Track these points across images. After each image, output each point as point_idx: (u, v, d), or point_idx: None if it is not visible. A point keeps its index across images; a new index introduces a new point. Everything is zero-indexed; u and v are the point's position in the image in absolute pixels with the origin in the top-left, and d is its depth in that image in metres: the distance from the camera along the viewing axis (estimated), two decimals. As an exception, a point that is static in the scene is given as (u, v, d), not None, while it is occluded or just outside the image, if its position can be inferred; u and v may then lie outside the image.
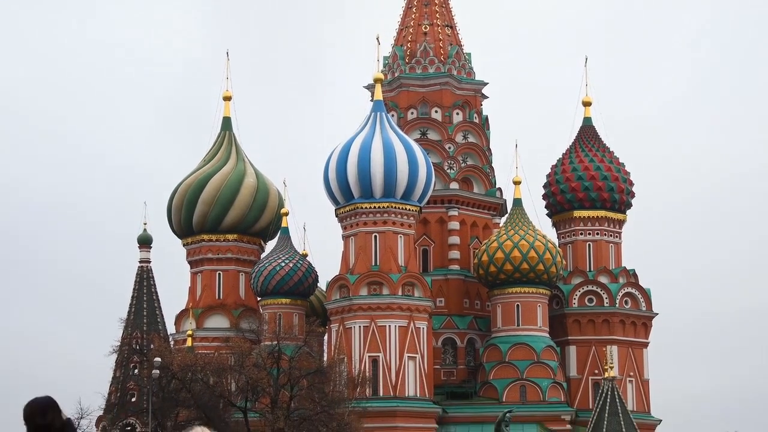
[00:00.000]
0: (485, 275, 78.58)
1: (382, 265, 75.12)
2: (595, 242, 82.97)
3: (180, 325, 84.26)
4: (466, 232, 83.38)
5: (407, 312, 74.31)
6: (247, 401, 60.75)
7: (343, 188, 75.38)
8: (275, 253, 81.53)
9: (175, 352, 71.59)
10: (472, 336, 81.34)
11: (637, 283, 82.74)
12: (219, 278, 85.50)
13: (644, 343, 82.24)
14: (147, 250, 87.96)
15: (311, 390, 61.53)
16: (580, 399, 78.64)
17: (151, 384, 53.41)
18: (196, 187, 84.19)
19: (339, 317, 75.06)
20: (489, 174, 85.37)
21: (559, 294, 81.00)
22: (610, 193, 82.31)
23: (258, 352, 65.09)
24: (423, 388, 74.12)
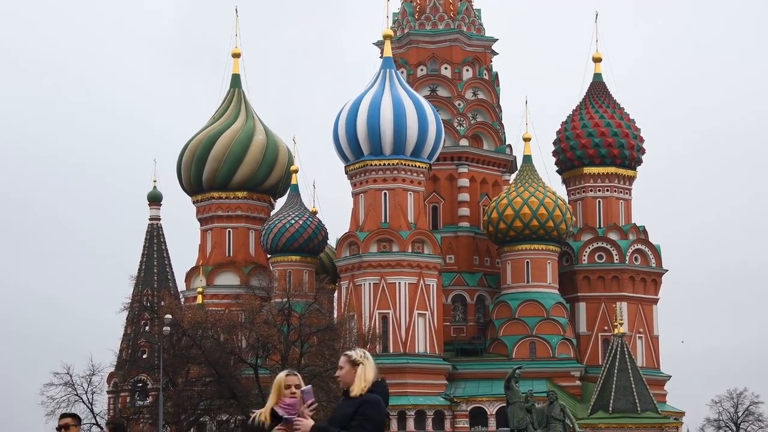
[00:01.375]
0: (495, 232, 78.52)
1: (391, 223, 75.11)
2: (605, 199, 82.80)
3: (190, 283, 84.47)
4: (476, 189, 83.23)
5: (417, 269, 74.38)
6: (258, 358, 60.91)
7: (353, 145, 75.25)
8: (285, 211, 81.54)
9: (185, 309, 71.76)
10: (481, 293, 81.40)
11: (647, 240, 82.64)
12: (229, 236, 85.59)
13: (654, 300, 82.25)
14: (157, 208, 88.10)
15: (321, 347, 61.67)
16: (590, 355, 78.78)
17: (161, 341, 53.54)
18: (206, 144, 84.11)
19: (349, 274, 75.16)
20: (499, 131, 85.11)
21: (568, 251, 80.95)
22: (621, 149, 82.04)
23: (268, 309, 65.23)
24: (433, 344, 74.32)
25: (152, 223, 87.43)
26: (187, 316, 64.09)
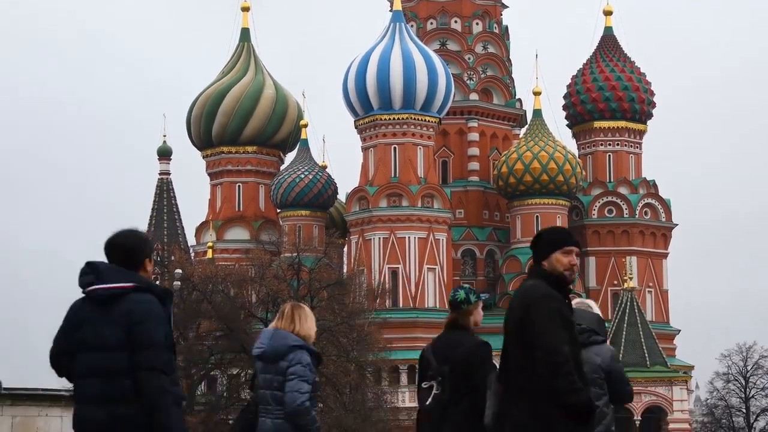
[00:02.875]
0: (505, 186, 78.46)
1: (401, 177, 75.07)
2: (615, 153, 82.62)
3: (200, 237, 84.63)
4: (486, 143, 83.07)
5: (426, 223, 74.42)
6: (268, 312, 61.03)
7: (362, 99, 75.09)
8: (294, 165, 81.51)
9: (195, 263, 71.91)
10: (491, 247, 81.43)
11: (657, 194, 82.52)
12: (239, 190, 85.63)
13: (664, 254, 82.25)
14: (167, 162, 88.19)
15: (331, 301, 61.79)
16: (599, 309, 78.75)
17: (172, 295, 53.70)
18: (216, 98, 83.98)
19: (358, 229, 75.24)
20: (509, 85, 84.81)
21: (578, 205, 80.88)
22: (631, 103, 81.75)
23: (278, 264, 65.33)
24: (442, 299, 74.45)
25: (162, 178, 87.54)
26: (197, 270, 64.23)
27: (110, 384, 6.50)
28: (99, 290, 6.61)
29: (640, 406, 70.54)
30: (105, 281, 6.60)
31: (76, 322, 6.70)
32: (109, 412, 6.45)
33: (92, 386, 6.54)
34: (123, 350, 6.48)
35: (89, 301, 6.69)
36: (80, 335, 6.64)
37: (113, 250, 6.74)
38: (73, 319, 6.73)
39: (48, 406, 17.86)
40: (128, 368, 6.50)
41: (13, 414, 17.50)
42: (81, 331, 6.64)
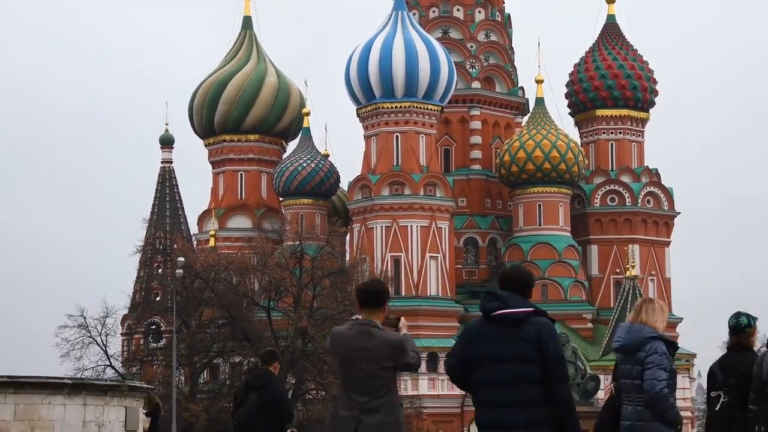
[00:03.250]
0: (507, 175, 78.43)
1: (403, 165, 75.05)
2: (617, 141, 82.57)
3: (202, 226, 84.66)
4: (488, 131, 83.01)
5: (429, 212, 74.42)
6: (270, 300, 61.11)
7: (365, 88, 75.02)
8: (297, 154, 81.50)
9: (198, 252, 71.98)
10: (493, 236, 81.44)
11: (659, 182, 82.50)
12: (241, 178, 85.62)
13: (666, 242, 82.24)
14: (169, 151, 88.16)
15: (333, 290, 61.82)
16: (602, 298, 78.93)
17: (174, 283, 53.64)
18: (218, 86, 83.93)
19: (361, 217, 75.25)
20: (511, 73, 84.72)
21: (581, 193, 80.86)
22: (633, 91, 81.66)
23: (280, 252, 65.37)
24: (445, 287, 74.53)
25: (164, 166, 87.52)
26: (199, 258, 64.31)
27: (522, 391, 7.79)
28: (508, 314, 7.86)
29: (642, 394, 70.52)
30: (510, 307, 7.86)
31: (479, 340, 7.95)
32: (529, 414, 7.75)
33: (501, 393, 7.79)
34: (534, 363, 7.78)
35: (494, 323, 7.93)
36: (487, 350, 7.88)
37: (512, 281, 8.03)
38: (477, 337, 7.99)
39: (51, 394, 17.88)
40: (537, 378, 7.82)
41: (16, 402, 17.53)
42: (487, 347, 7.89)
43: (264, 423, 12.45)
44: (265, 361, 12.97)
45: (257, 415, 12.48)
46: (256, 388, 12.65)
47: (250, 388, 12.75)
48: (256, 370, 13.06)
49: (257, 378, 12.84)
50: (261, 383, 12.65)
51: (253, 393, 12.59)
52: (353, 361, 8.59)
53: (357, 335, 8.56)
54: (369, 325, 8.52)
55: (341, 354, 8.69)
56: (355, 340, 8.56)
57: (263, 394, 12.49)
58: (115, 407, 19.50)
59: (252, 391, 12.64)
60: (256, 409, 12.48)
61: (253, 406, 12.50)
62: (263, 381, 12.66)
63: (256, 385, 12.70)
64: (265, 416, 12.44)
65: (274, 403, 12.46)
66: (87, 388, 18.93)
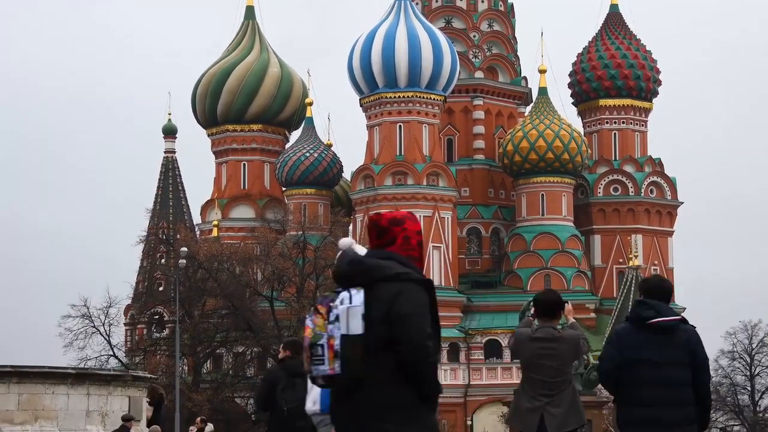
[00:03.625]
0: (510, 165, 78.40)
1: (406, 155, 75.03)
2: (620, 131, 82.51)
3: (206, 216, 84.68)
4: (491, 121, 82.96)
5: (432, 202, 74.43)
6: (273, 290, 61.18)
7: (368, 77, 74.99)
8: (300, 144, 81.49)
9: (201, 242, 72.01)
10: (496, 225, 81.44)
11: (662, 172, 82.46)
12: (244, 168, 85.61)
13: (669, 232, 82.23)
14: (172, 141, 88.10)
15: (337, 279, 61.84)
16: (605, 288, 78.94)
17: (177, 273, 53.68)
18: (220, 76, 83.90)
19: (364, 207, 75.26)
20: (514, 63, 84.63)
21: (584, 183, 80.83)
22: (637, 81, 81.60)
23: (283, 242, 65.40)
24: (448, 277, 74.55)
25: (167, 156, 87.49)
26: (202, 248, 64.34)
27: (676, 392, 8.49)
28: (662, 322, 8.52)
29: (645, 383, 70.59)
30: (662, 315, 8.53)
31: (635, 345, 8.58)
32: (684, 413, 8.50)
33: (658, 394, 8.47)
34: (686, 367, 8.48)
35: (647, 330, 8.55)
36: (645, 354, 8.52)
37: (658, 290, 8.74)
38: (631, 342, 8.61)
39: (54, 384, 17.90)
40: (688, 381, 8.52)
41: (20, 391, 17.55)
42: (644, 351, 8.52)
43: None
44: (298, 351, 12.93)
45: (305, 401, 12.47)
46: (301, 375, 12.58)
47: (295, 374, 12.67)
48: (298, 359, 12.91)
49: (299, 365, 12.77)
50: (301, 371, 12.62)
51: (299, 379, 12.52)
52: (539, 361, 10.07)
53: (542, 338, 10.07)
54: (553, 329, 10.08)
55: (528, 355, 10.17)
56: (541, 343, 10.07)
57: (306, 382, 12.49)
58: (119, 397, 19.52)
59: (297, 377, 12.57)
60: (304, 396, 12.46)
61: (302, 391, 12.45)
62: (302, 369, 12.61)
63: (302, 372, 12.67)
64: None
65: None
66: (90, 377, 18.96)
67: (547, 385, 10.09)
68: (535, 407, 10.06)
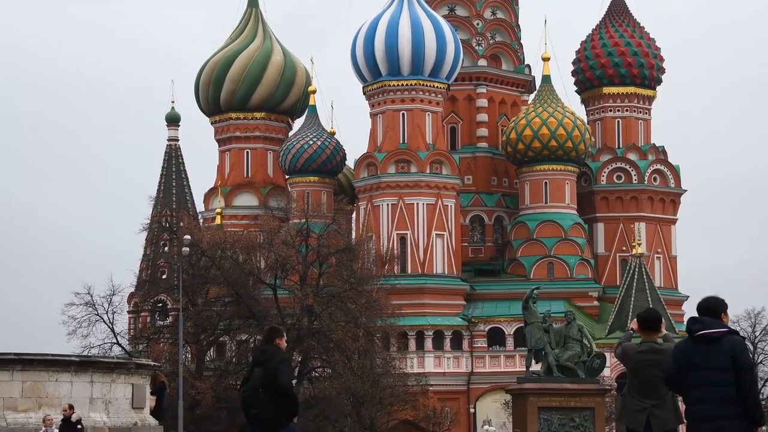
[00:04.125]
0: (513, 153, 78.35)
1: (410, 143, 74.99)
2: (624, 119, 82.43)
3: (209, 203, 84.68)
4: (495, 109, 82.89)
5: (435, 190, 74.40)
6: (277, 278, 61.15)
7: (371, 65, 74.93)
8: (303, 131, 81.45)
9: (204, 229, 71.97)
10: (500, 213, 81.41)
11: (666, 160, 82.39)
12: (247, 156, 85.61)
13: (672, 220, 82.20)
14: (175, 129, 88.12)
15: (339, 267, 61.83)
16: (608, 276, 78.91)
17: (181, 261, 53.64)
18: (224, 64, 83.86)
19: (367, 195, 75.25)
20: (518, 50, 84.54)
21: (587, 171, 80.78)
22: (640, 68, 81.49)
23: (287, 230, 65.36)
24: (451, 265, 74.56)
25: (170, 144, 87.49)
26: (206, 236, 64.28)
27: (722, 391, 9.97)
28: (708, 334, 10.10)
29: None
30: (709, 328, 10.14)
31: (685, 354, 10.21)
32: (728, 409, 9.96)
33: (708, 393, 9.99)
34: (729, 371, 9.96)
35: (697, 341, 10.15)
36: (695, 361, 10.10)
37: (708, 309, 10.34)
38: (684, 352, 10.25)
39: (58, 372, 17.92)
40: (732, 382, 9.97)
41: (24, 379, 17.58)
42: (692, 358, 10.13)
43: (267, 395, 12.56)
44: (267, 339, 13.07)
45: (262, 389, 12.59)
46: (261, 363, 12.75)
47: (256, 363, 12.86)
48: (261, 347, 13.14)
49: (263, 353, 12.94)
50: (265, 358, 12.75)
51: (258, 368, 12.69)
52: (644, 370, 11.71)
53: (646, 351, 11.70)
54: (654, 343, 11.71)
55: (634, 365, 11.82)
56: (645, 355, 11.70)
57: (267, 368, 12.59)
58: (122, 384, 19.54)
59: (257, 366, 12.74)
60: (261, 383, 12.58)
61: (258, 380, 12.60)
62: (268, 356, 12.76)
63: (262, 360, 12.81)
64: (267, 389, 12.56)
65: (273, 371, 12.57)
66: (94, 365, 18.98)
67: (651, 390, 11.88)
68: (642, 408, 11.93)
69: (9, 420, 17.63)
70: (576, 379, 45.74)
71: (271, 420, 12.62)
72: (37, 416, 17.92)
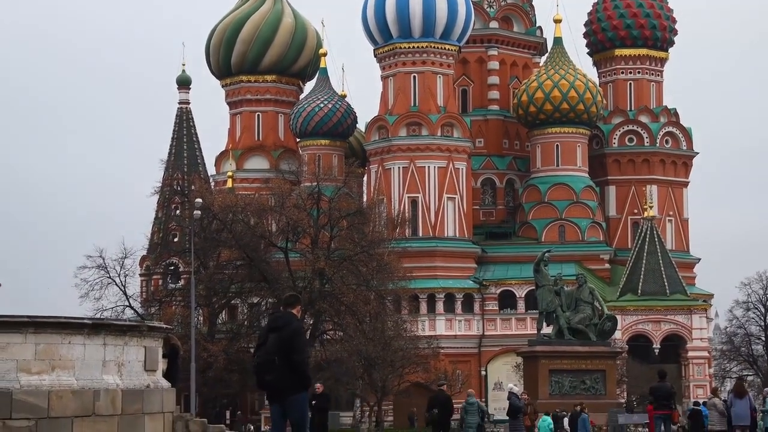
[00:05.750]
0: (525, 115, 78.14)
1: (421, 106, 74.82)
2: (636, 81, 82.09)
3: (220, 167, 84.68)
4: (506, 71, 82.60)
5: (446, 153, 74.29)
6: (288, 242, 61.22)
7: (382, 28, 74.64)
8: (314, 94, 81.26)
9: (215, 193, 72.02)
10: (511, 176, 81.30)
11: (678, 122, 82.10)
12: (258, 119, 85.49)
13: (684, 183, 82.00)
14: (186, 92, 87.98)
15: (351, 231, 61.87)
16: (619, 238, 78.85)
17: (192, 225, 53.67)
18: (234, 26, 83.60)
19: (378, 158, 75.17)
20: (529, 12, 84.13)
21: (599, 134, 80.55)
22: (652, 30, 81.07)
23: (298, 193, 65.37)
24: (462, 228, 74.56)
25: (181, 107, 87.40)
26: (217, 200, 64.32)
27: None
28: None
29: (659, 334, 70.77)
30: None
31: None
32: None
33: None
34: None
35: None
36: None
37: None
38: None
39: (71, 334, 17.98)
40: None
41: (37, 341, 17.64)
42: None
43: (282, 363, 12.57)
44: (288, 304, 13.05)
45: (276, 354, 12.59)
46: (276, 329, 12.74)
47: (271, 329, 12.84)
48: (278, 312, 13.12)
49: (278, 319, 12.92)
50: (281, 324, 12.74)
51: (273, 334, 12.68)
52: None
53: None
54: None
55: None
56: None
57: (282, 334, 12.59)
58: (135, 347, 19.59)
59: (272, 332, 12.73)
60: (276, 349, 12.59)
61: (272, 346, 12.61)
62: (283, 322, 12.76)
63: (277, 326, 12.79)
64: (282, 356, 12.57)
65: (289, 341, 12.57)
66: (106, 328, 19.01)
67: None
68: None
69: (23, 382, 17.71)
70: (587, 341, 45.86)
71: (284, 387, 12.66)
72: (50, 378, 18.01)
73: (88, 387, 18.24)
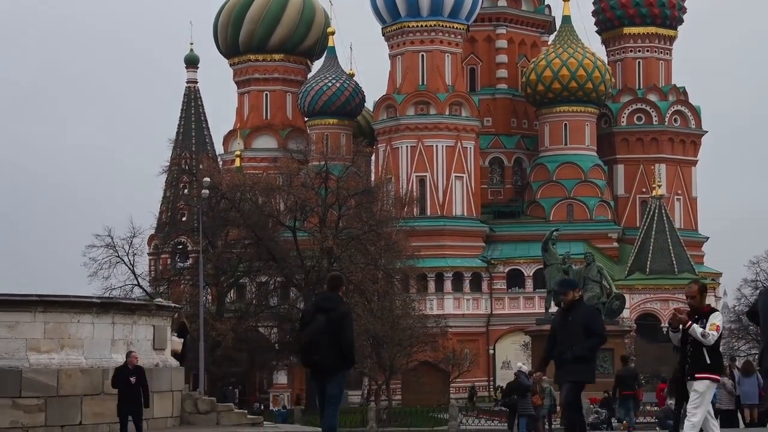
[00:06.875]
0: (533, 94, 78.01)
1: (429, 85, 74.72)
2: (644, 59, 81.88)
3: (228, 146, 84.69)
4: (514, 50, 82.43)
5: (454, 132, 74.22)
6: (296, 221, 61.25)
7: (390, 6, 74.49)
8: (322, 73, 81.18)
9: (223, 172, 72.01)
10: (519, 155, 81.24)
11: (686, 101, 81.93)
12: (266, 98, 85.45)
13: (693, 161, 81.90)
14: (194, 71, 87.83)
15: (359, 209, 61.87)
16: (628, 217, 78.80)
17: (200, 204, 53.67)
18: (242, 5, 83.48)
19: (386, 137, 75.14)
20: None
21: (607, 112, 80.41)
22: (661, 8, 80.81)
23: (306, 172, 65.37)
24: (470, 207, 74.56)
25: (189, 86, 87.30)
26: (225, 179, 64.35)
27: None
28: None
29: (667, 313, 70.73)
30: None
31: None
32: None
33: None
34: None
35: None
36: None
37: None
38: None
39: (80, 313, 18.07)
40: None
41: (46, 320, 17.72)
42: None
43: (329, 344, 12.61)
44: (333, 286, 13.04)
45: (324, 335, 12.61)
46: (325, 310, 12.72)
47: (319, 309, 12.82)
48: (325, 293, 13.09)
49: (327, 300, 12.89)
50: (330, 305, 12.73)
51: (321, 314, 12.68)
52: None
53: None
54: None
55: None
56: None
57: (332, 316, 12.60)
58: (143, 326, 19.66)
59: (320, 312, 12.71)
60: (325, 330, 12.60)
61: (320, 326, 12.60)
62: (333, 303, 12.76)
63: (326, 307, 12.77)
64: (330, 337, 12.61)
65: (339, 323, 12.63)
66: (115, 307, 19.10)
67: None
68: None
69: (32, 361, 17.80)
70: (595, 320, 45.84)
71: (329, 367, 12.76)
72: (59, 356, 18.07)
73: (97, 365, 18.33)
